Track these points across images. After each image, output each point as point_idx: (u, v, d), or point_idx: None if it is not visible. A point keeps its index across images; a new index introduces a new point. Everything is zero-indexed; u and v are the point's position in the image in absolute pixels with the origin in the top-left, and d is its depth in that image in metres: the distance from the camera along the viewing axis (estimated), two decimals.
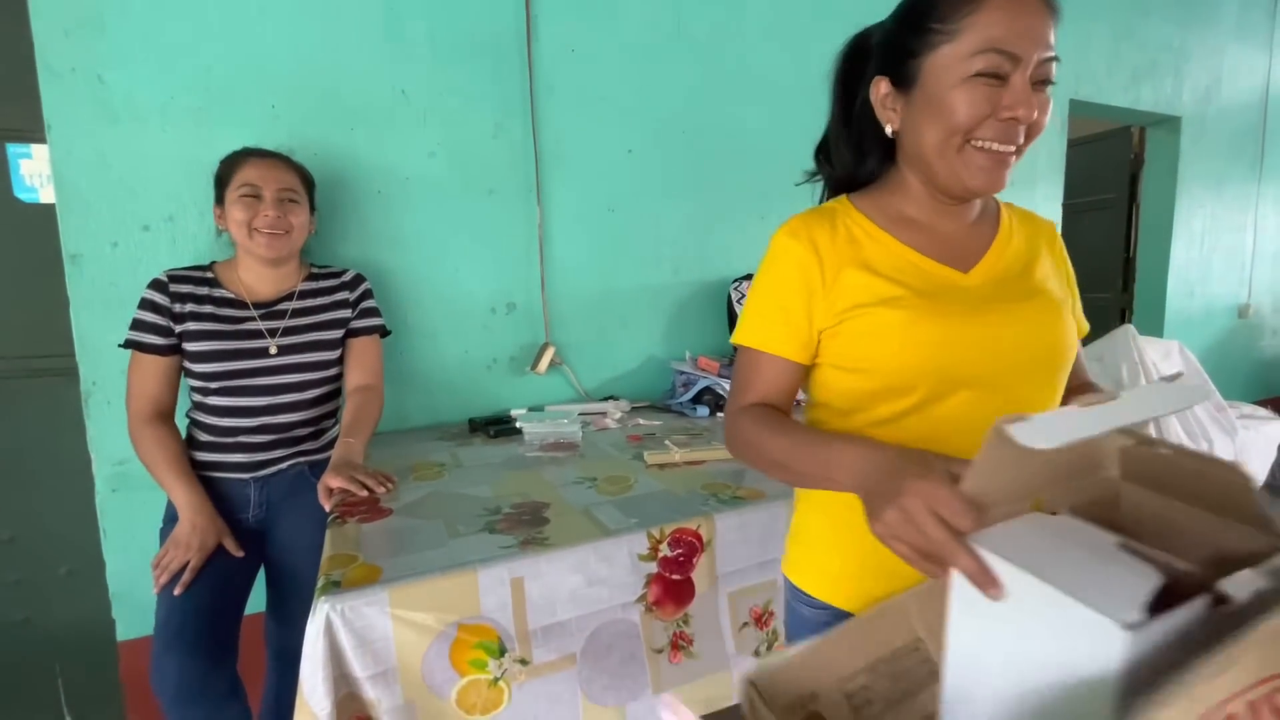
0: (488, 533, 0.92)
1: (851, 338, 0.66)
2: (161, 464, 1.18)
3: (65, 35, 1.29)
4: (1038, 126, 0.61)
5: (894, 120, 0.66)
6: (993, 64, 0.57)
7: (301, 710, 0.74)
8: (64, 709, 1.55)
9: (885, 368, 0.64)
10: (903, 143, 0.67)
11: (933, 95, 0.61)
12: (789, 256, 0.68)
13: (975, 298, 0.65)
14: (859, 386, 0.67)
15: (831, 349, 0.68)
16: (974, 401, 0.63)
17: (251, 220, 1.21)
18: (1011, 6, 0.56)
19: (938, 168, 0.63)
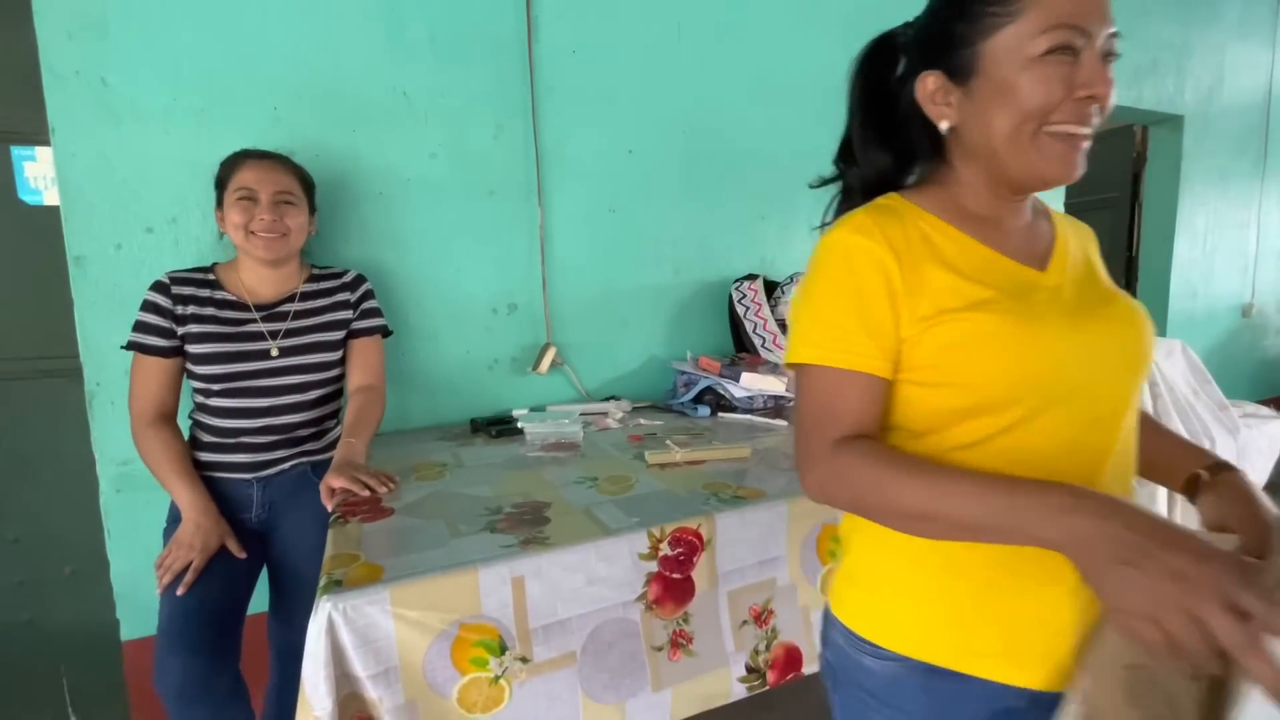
0: (489, 532, 0.92)
1: (937, 348, 0.58)
2: (164, 465, 1.19)
3: (69, 38, 1.30)
4: (1108, 106, 0.57)
5: (949, 115, 0.61)
6: (1063, 40, 0.54)
7: (303, 709, 0.74)
8: (69, 709, 1.56)
9: (977, 381, 0.56)
10: (962, 137, 0.62)
11: (999, 81, 0.56)
12: (864, 256, 0.59)
13: (1063, 299, 0.60)
14: (943, 404, 0.59)
15: (911, 361, 0.59)
16: (1067, 419, 0.57)
17: (248, 223, 1.22)
18: None
19: (1009, 159, 0.58)
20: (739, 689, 0.99)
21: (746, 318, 1.88)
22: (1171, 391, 1.46)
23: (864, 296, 0.58)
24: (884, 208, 0.63)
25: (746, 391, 1.68)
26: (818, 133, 2.17)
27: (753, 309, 1.89)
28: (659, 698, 0.93)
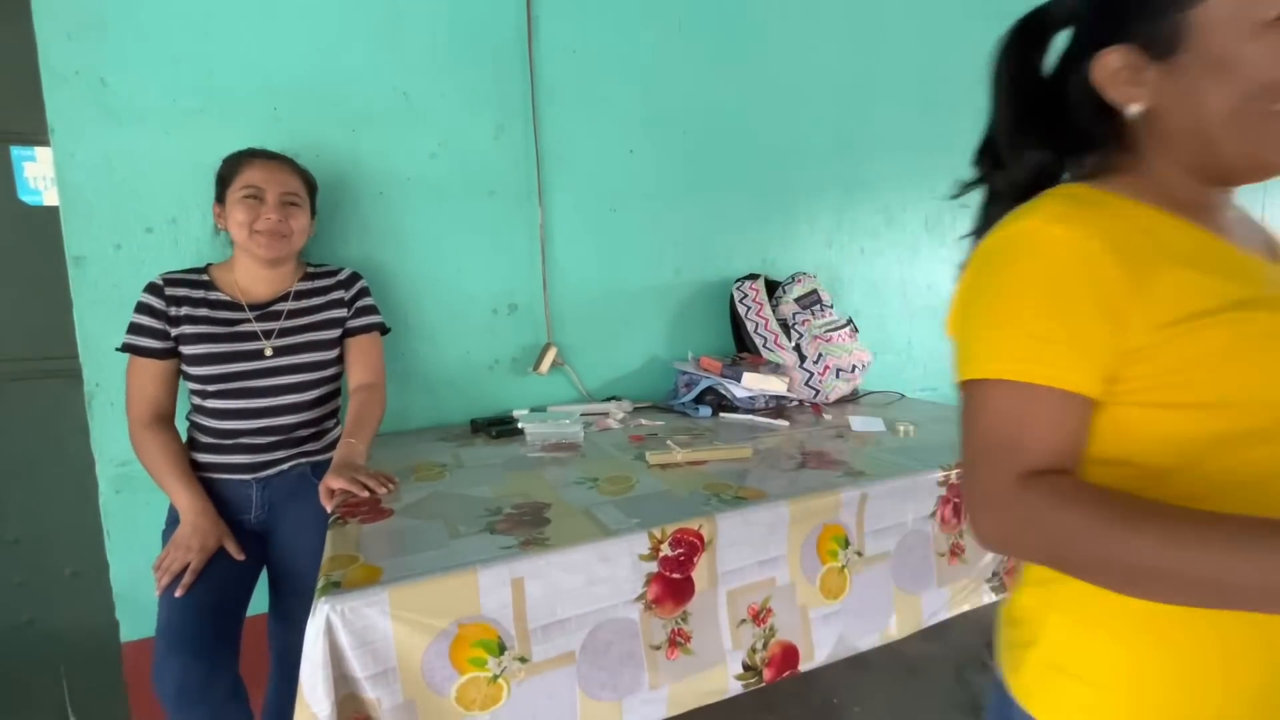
0: (488, 533, 0.92)
1: (1189, 359, 0.47)
2: (162, 467, 1.18)
3: (68, 38, 1.30)
4: None
5: (1142, 97, 0.52)
6: None
7: (301, 711, 0.74)
8: (68, 710, 1.55)
9: (1249, 398, 0.46)
10: (1159, 122, 0.52)
11: (1216, 53, 0.47)
12: (1067, 249, 0.48)
13: None
14: (1198, 430, 0.47)
15: (1143, 377, 0.48)
16: None
17: (253, 222, 1.21)
18: None
19: (1229, 145, 0.49)
20: (735, 685, 0.99)
21: (748, 318, 1.88)
22: None
23: (1067, 297, 0.48)
24: (1077, 196, 0.52)
25: (748, 392, 1.67)
26: (820, 132, 2.18)
27: (754, 309, 1.88)
28: (656, 695, 0.93)
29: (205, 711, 1.05)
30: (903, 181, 2.26)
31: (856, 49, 2.14)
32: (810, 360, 1.80)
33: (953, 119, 2.39)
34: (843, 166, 2.13)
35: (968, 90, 2.61)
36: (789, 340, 1.83)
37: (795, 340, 1.82)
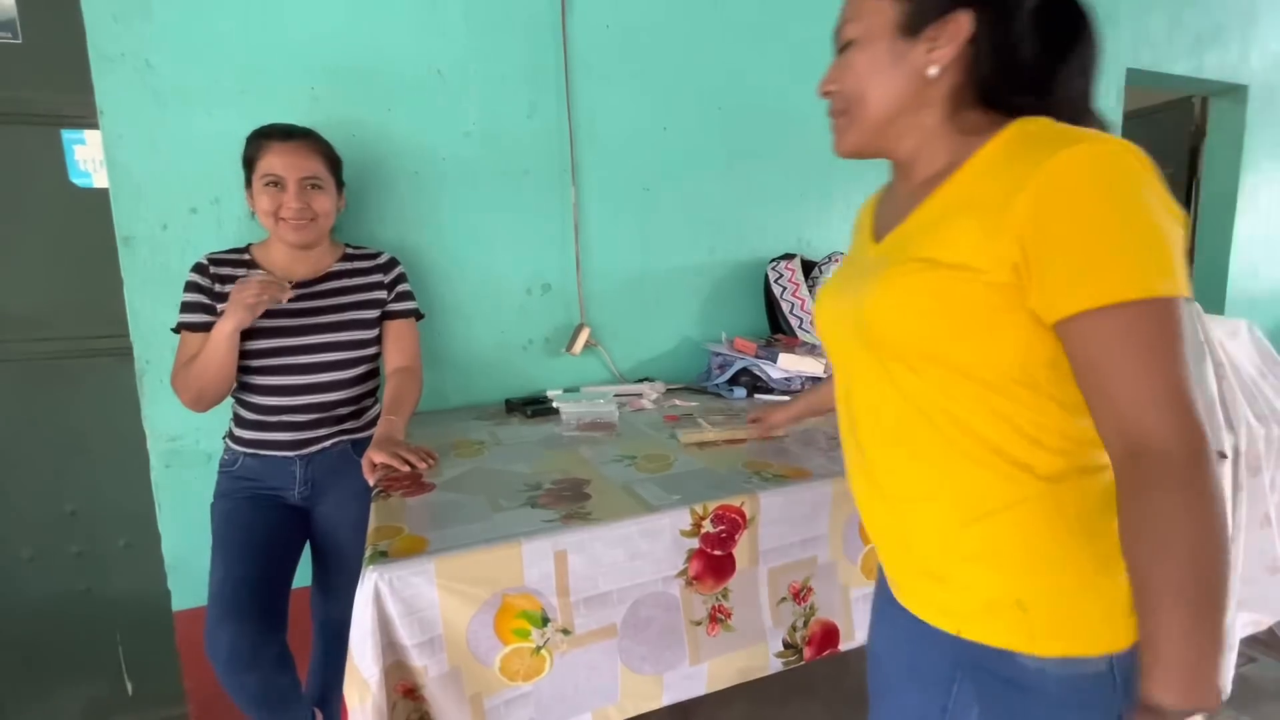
0: (529, 507, 0.92)
1: None
2: (200, 351, 1.17)
3: (114, 20, 1.32)
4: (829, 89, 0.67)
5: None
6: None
7: (351, 676, 0.75)
8: (125, 675, 1.62)
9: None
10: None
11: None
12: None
13: (846, 271, 0.72)
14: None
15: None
16: (839, 379, 0.73)
17: (277, 210, 1.22)
18: None
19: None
20: (775, 663, 0.99)
21: (783, 298, 1.85)
22: (1238, 373, 1.39)
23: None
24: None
25: (784, 373, 1.65)
26: None
27: (790, 289, 1.85)
28: (696, 670, 0.93)
29: (256, 677, 1.08)
30: None
31: None
32: None
33: None
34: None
35: None
36: None
37: None
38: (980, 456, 0.58)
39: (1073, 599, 0.58)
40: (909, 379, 0.60)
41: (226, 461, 1.30)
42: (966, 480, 0.59)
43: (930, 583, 0.65)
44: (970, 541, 0.60)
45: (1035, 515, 0.57)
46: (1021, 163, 0.53)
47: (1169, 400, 0.48)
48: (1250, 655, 1.68)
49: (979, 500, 0.59)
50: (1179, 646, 0.48)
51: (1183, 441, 0.47)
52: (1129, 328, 0.48)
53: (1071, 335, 0.51)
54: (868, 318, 0.61)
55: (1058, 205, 0.50)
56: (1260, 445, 1.31)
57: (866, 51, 0.62)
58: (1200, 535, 0.47)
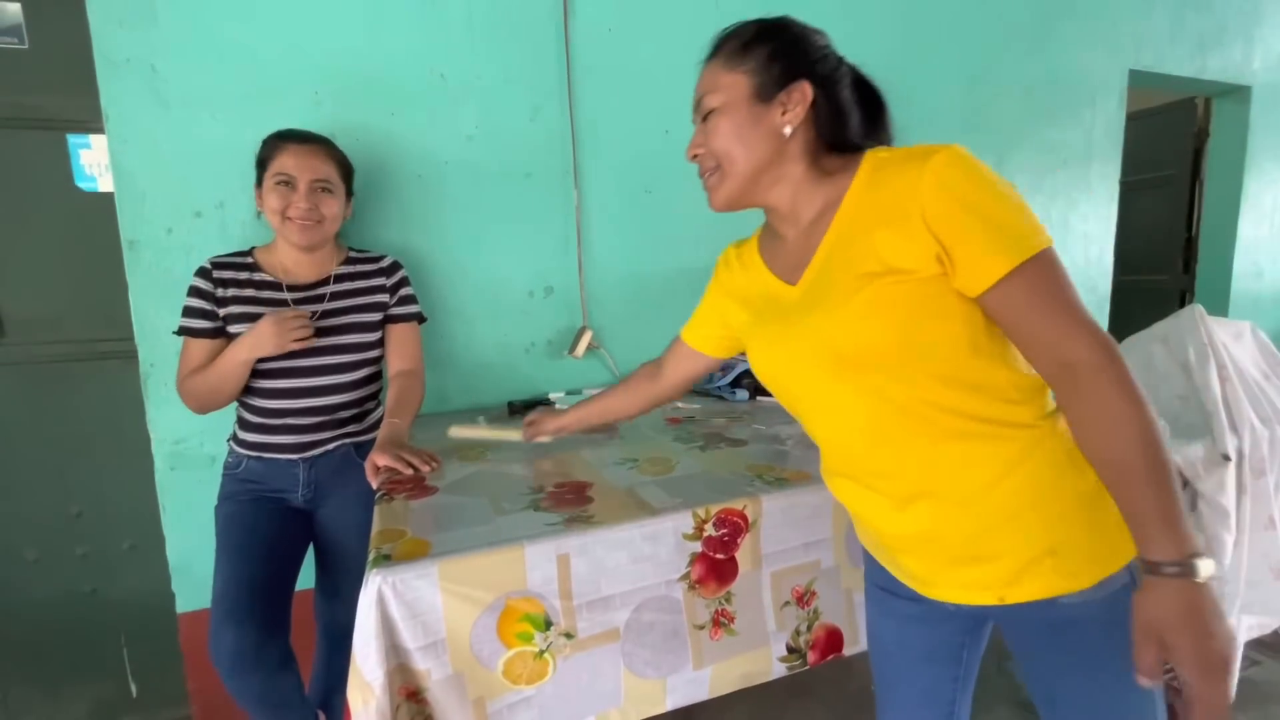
0: (532, 510, 0.92)
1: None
2: (210, 366, 1.20)
3: (119, 26, 1.33)
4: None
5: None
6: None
7: (355, 679, 0.75)
8: (129, 676, 1.63)
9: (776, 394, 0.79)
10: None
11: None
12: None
13: (780, 312, 0.75)
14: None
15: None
16: (809, 414, 0.76)
17: (285, 209, 1.23)
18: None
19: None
20: (779, 668, 0.99)
21: None
22: (1242, 376, 1.38)
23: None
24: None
25: None
26: None
27: None
28: (699, 675, 0.93)
29: (259, 679, 1.08)
30: None
31: (897, 24, 2.07)
32: None
33: (997, 95, 2.31)
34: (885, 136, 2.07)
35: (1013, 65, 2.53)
36: None
37: None
38: (969, 429, 0.65)
39: (1089, 527, 0.65)
40: (889, 386, 0.66)
41: (230, 464, 1.30)
42: (968, 458, 0.66)
43: (964, 568, 0.69)
44: (994, 512, 0.66)
45: (1036, 463, 0.65)
46: (898, 178, 0.64)
47: (1080, 323, 0.60)
48: (1255, 659, 1.68)
49: (987, 470, 0.65)
50: (1163, 507, 0.56)
51: (1103, 348, 0.59)
52: (1034, 279, 0.60)
53: (994, 300, 0.61)
54: (840, 343, 0.67)
55: (950, 199, 0.61)
56: (1264, 448, 1.31)
57: (729, 118, 0.71)
58: (1141, 412, 0.57)
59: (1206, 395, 1.33)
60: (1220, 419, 1.29)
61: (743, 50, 0.72)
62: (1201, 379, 1.35)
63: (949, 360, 0.64)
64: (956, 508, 0.67)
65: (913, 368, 0.65)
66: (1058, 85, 2.41)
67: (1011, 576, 0.66)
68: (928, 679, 0.82)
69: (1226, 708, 0.54)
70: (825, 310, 0.67)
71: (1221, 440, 1.28)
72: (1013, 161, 2.38)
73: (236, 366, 1.18)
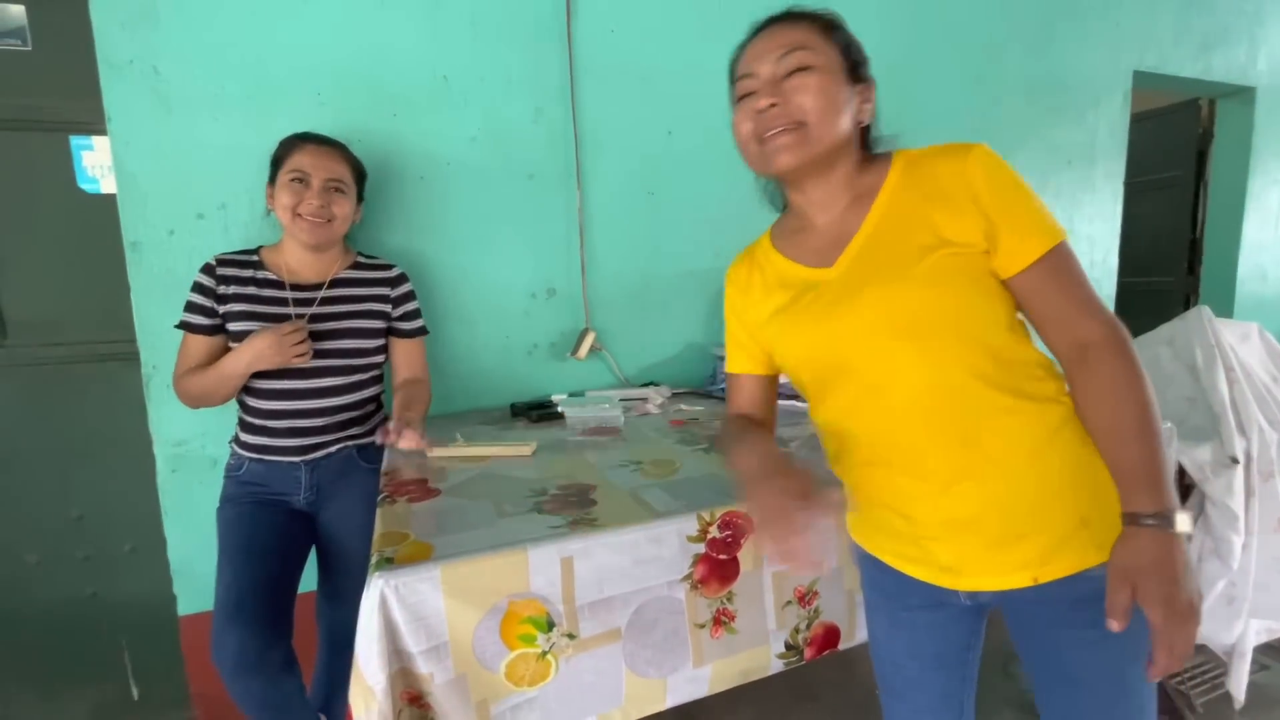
0: (535, 513, 0.92)
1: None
2: (209, 369, 1.21)
3: (122, 28, 1.33)
4: (789, 103, 0.71)
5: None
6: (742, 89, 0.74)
7: (357, 683, 0.75)
8: (130, 679, 1.62)
9: (791, 374, 0.82)
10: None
11: (735, 124, 0.77)
12: None
13: (830, 291, 0.73)
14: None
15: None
16: (844, 390, 0.74)
17: (296, 206, 1.23)
18: (755, 38, 0.76)
19: (754, 169, 0.78)
20: (777, 664, 0.99)
21: None
22: (1249, 378, 1.37)
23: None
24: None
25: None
26: None
27: None
28: (699, 672, 0.93)
29: (261, 682, 1.07)
30: None
31: (902, 23, 2.07)
32: None
33: (1001, 96, 2.30)
34: (888, 144, 2.06)
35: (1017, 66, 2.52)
36: None
37: None
38: (1010, 405, 0.68)
39: (1111, 495, 0.66)
40: (946, 354, 0.68)
41: (232, 466, 1.30)
42: (1009, 434, 0.68)
43: (1001, 550, 0.70)
44: (1033, 488, 0.68)
45: (1066, 437, 0.69)
46: (941, 164, 0.70)
47: (1094, 306, 0.67)
48: (1263, 663, 1.66)
49: (1026, 446, 0.68)
50: (1150, 465, 0.62)
51: (1114, 328, 0.66)
52: (1058, 264, 0.67)
53: (1025, 279, 0.67)
54: (904, 310, 0.68)
55: (997, 184, 0.68)
56: (1272, 450, 1.30)
57: (827, 80, 0.70)
58: (1144, 386, 0.64)
59: (1214, 397, 1.32)
60: (1228, 421, 1.29)
61: (832, 28, 0.74)
62: (1209, 381, 1.34)
63: (994, 333, 0.68)
64: (1000, 485, 0.68)
65: (969, 337, 0.68)
66: (1062, 86, 2.40)
67: (1047, 553, 0.68)
68: (940, 684, 0.82)
69: (1189, 653, 0.60)
70: (884, 281, 0.69)
71: (1230, 443, 1.27)
72: (1017, 163, 2.34)
73: (233, 377, 1.20)
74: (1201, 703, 1.49)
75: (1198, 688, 1.51)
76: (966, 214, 0.67)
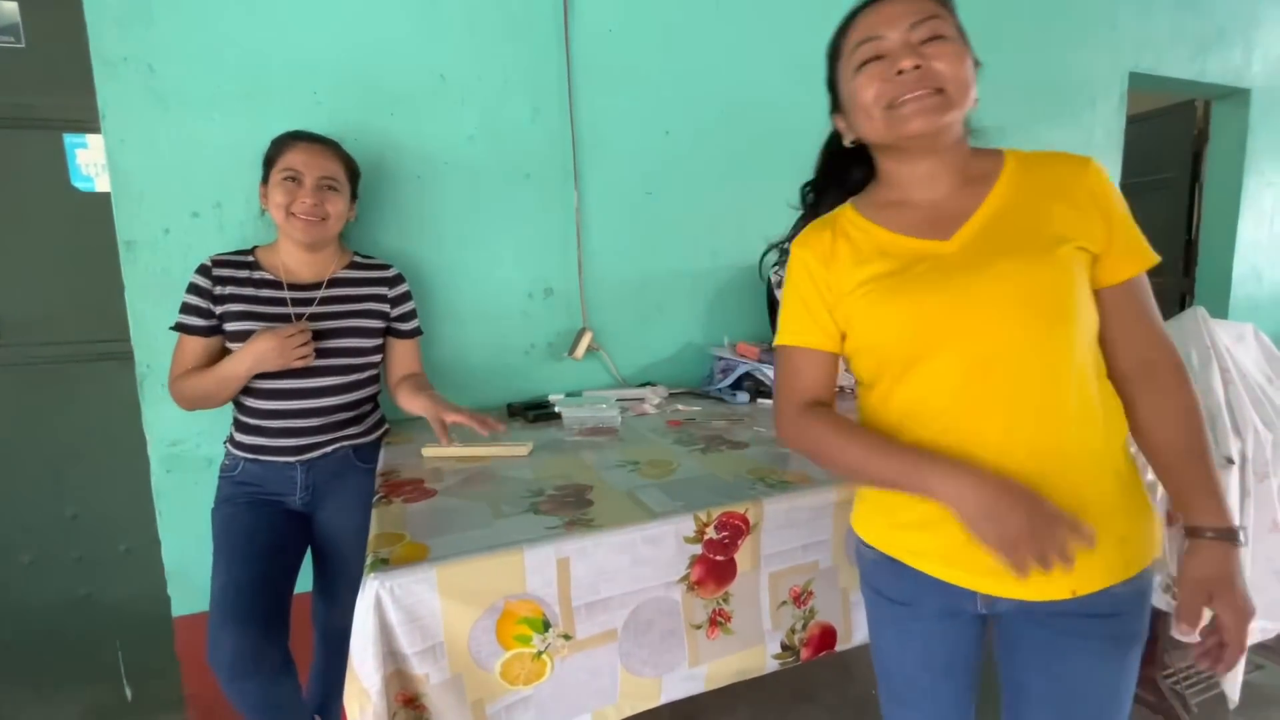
0: (532, 513, 0.91)
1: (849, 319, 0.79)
2: (208, 370, 1.20)
3: (116, 25, 1.33)
4: (931, 69, 0.69)
5: (848, 133, 0.80)
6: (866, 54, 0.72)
7: (352, 684, 0.74)
8: (124, 681, 1.61)
9: (875, 345, 0.77)
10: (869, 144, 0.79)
11: (846, 94, 0.76)
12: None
13: (949, 262, 0.72)
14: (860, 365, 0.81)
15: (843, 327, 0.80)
16: (950, 363, 0.70)
17: (290, 204, 1.22)
18: (878, 3, 0.73)
19: (873, 137, 0.76)
20: (772, 664, 0.99)
21: None
22: (1244, 378, 1.38)
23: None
24: (824, 218, 0.86)
25: None
26: None
27: None
28: (695, 672, 0.93)
29: (258, 684, 1.07)
30: None
31: None
32: None
33: (996, 97, 2.30)
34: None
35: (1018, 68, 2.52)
36: None
37: None
38: (1089, 410, 0.70)
39: (1147, 516, 0.72)
40: (1064, 338, 0.69)
41: (227, 466, 1.29)
42: (1083, 440, 0.69)
43: (1081, 556, 0.68)
44: (1097, 500, 0.69)
45: (1119, 452, 0.72)
46: (1062, 166, 0.74)
47: (1163, 329, 0.73)
48: (1258, 662, 1.67)
49: (1092, 454, 0.70)
50: (1213, 483, 0.68)
51: (1175, 351, 0.72)
52: (1145, 286, 0.73)
53: (1116, 293, 0.71)
54: (1040, 287, 0.68)
55: (1114, 197, 0.72)
56: (1267, 451, 1.30)
57: (961, 52, 0.70)
58: (1200, 405, 0.70)
59: (1209, 398, 1.32)
60: (1223, 422, 1.29)
61: (950, 6, 0.73)
62: (1204, 382, 1.34)
63: (1093, 335, 0.71)
64: (1069, 495, 0.66)
65: (1085, 329, 0.70)
66: (1057, 87, 2.41)
67: (1088, 568, 0.68)
68: (950, 693, 0.81)
69: (1246, 648, 0.68)
70: (1019, 257, 0.69)
71: (1225, 443, 1.27)
72: None
73: (234, 380, 1.19)
74: (1196, 702, 1.50)
75: (1193, 687, 1.52)
76: (1090, 218, 0.70)
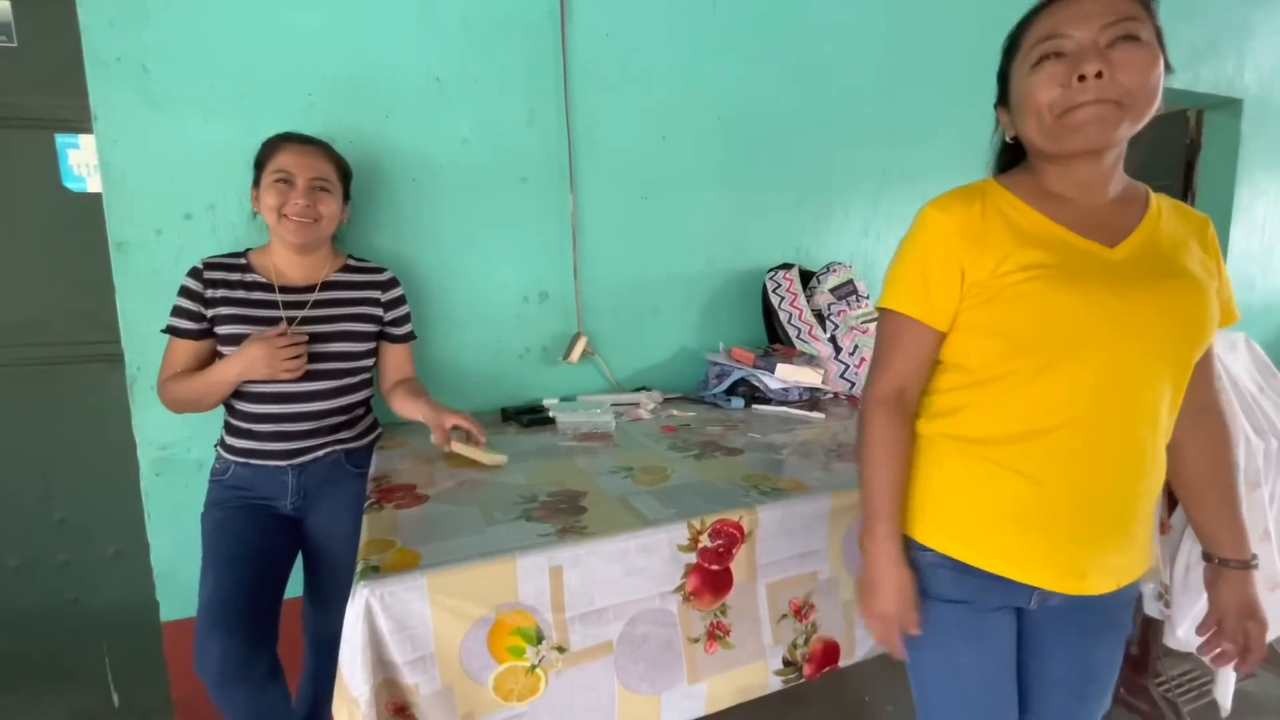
0: (525, 520, 0.91)
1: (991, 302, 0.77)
2: (197, 375, 1.20)
3: (110, 25, 1.31)
4: (1115, 77, 0.65)
5: (1010, 129, 0.80)
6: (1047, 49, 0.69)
7: (340, 694, 0.73)
8: (111, 686, 1.59)
9: (1015, 331, 0.73)
10: (1024, 140, 0.77)
11: (1018, 92, 0.74)
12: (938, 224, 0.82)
13: (1115, 270, 0.70)
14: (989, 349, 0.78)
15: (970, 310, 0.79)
16: (1087, 367, 0.69)
17: (281, 206, 1.22)
18: (1061, 5, 0.68)
19: (1040, 142, 0.73)
20: (775, 681, 0.97)
21: (781, 308, 1.84)
22: (1235, 386, 1.38)
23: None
24: (973, 186, 0.84)
25: (781, 383, 1.64)
26: (858, 118, 2.12)
27: (787, 299, 1.84)
28: (695, 689, 0.91)
29: (246, 690, 1.06)
30: (944, 169, 2.19)
31: (897, 32, 2.07)
32: (846, 352, 1.76)
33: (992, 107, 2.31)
34: (881, 153, 2.07)
35: None
36: (824, 331, 1.78)
37: (830, 331, 1.78)
38: (1167, 435, 0.75)
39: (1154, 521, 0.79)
40: (1186, 363, 0.73)
41: (218, 470, 1.28)
42: (1160, 451, 0.75)
43: (1120, 554, 0.75)
44: (1153, 506, 0.77)
45: (1163, 472, 0.78)
46: (1192, 214, 0.78)
47: (1218, 379, 0.82)
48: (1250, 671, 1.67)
49: (1160, 469, 0.76)
50: (1240, 520, 0.80)
51: (1224, 403, 0.82)
52: (1215, 339, 0.77)
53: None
54: (1191, 313, 0.70)
55: (1219, 255, 0.77)
56: (1259, 459, 1.30)
57: (1152, 59, 0.66)
58: (1236, 454, 0.82)
59: None
60: None
61: (1150, 9, 0.67)
62: None
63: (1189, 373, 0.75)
64: (1146, 500, 0.75)
65: (1202, 359, 0.77)
66: None
67: (1122, 568, 0.76)
68: (1006, 687, 0.80)
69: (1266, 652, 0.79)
70: (1189, 283, 0.70)
71: None
72: None
73: (223, 385, 1.19)
74: (1189, 710, 1.50)
75: (1185, 695, 1.52)
76: (1209, 263, 0.74)
